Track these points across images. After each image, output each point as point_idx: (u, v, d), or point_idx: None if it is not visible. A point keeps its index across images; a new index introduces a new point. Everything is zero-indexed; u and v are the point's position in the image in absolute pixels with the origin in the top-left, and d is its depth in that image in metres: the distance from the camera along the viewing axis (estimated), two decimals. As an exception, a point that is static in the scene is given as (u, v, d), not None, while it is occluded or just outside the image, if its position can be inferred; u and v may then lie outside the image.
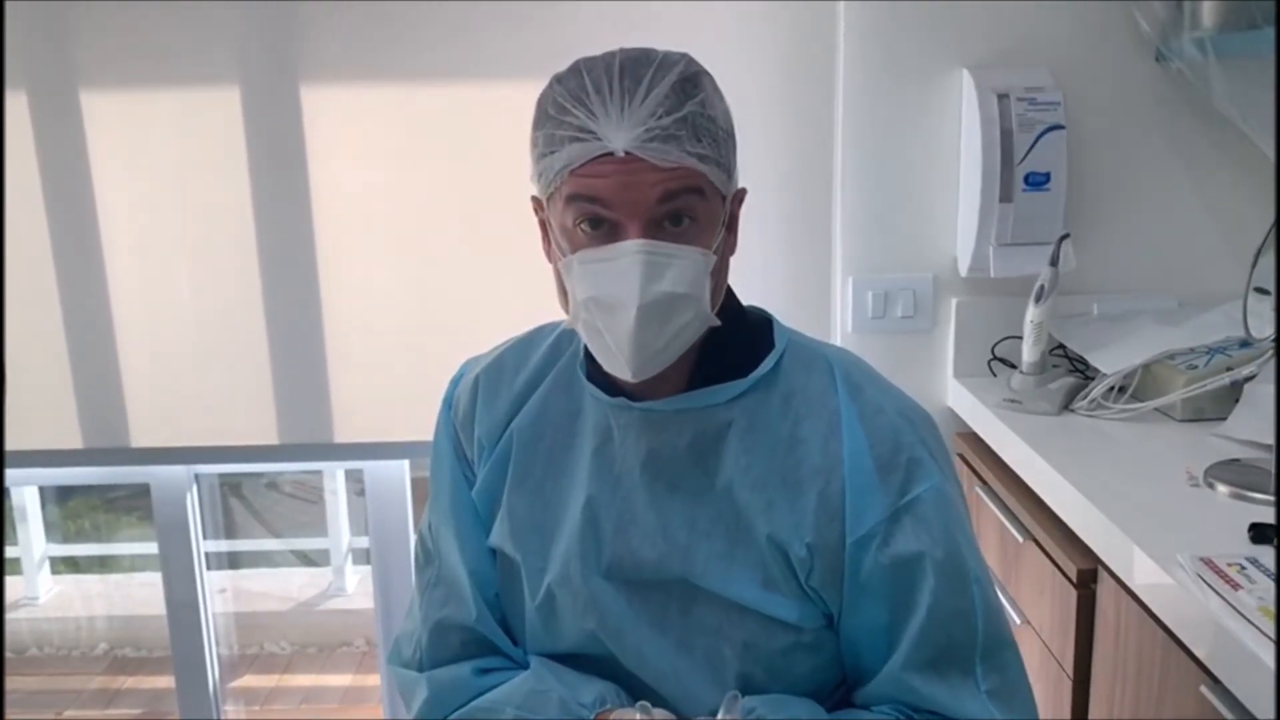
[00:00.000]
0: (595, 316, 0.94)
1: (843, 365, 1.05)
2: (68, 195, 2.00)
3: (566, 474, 1.07)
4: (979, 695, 0.98)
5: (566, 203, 0.94)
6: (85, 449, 2.11)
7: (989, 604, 1.00)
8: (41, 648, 3.65)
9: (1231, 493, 1.35)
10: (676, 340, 0.95)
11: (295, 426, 2.09)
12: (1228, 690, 1.07)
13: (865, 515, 0.97)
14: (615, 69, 0.93)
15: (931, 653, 0.98)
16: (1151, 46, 1.83)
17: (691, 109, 0.92)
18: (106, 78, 1.95)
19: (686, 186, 0.92)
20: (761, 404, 1.02)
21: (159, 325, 2.06)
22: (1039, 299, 1.76)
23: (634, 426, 1.03)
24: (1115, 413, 1.68)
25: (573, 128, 0.92)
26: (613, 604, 1.03)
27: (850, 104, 1.89)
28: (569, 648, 1.07)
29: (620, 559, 1.03)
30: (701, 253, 0.94)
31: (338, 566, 3.83)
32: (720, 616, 1.01)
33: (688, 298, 0.93)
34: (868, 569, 0.97)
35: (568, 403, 1.08)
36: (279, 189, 1.99)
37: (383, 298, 2.04)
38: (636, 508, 1.03)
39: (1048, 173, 1.79)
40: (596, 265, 0.93)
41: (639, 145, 0.90)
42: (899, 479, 0.98)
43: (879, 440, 0.99)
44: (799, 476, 0.99)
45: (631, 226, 0.92)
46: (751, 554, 1.00)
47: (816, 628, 1.01)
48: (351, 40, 1.92)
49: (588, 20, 1.89)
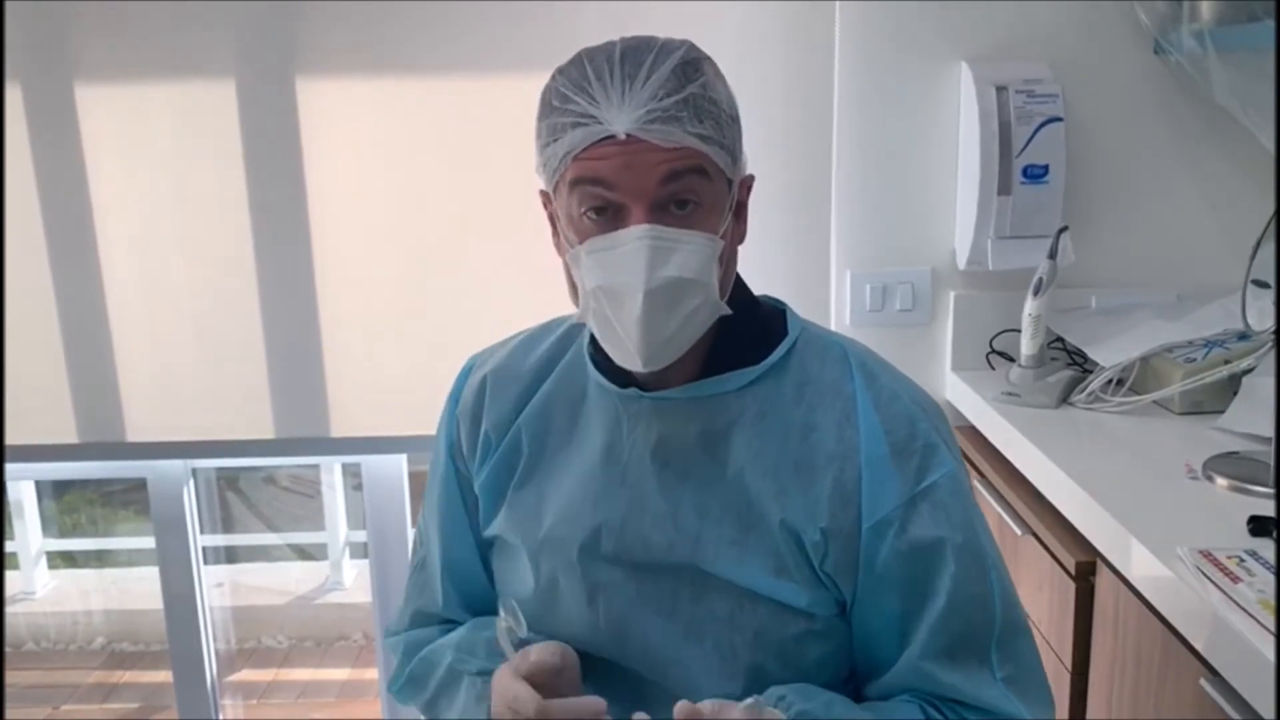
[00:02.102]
0: (604, 305, 0.94)
1: (858, 354, 1.05)
2: (63, 189, 1.99)
3: (575, 463, 1.07)
4: (995, 683, 0.98)
5: (571, 189, 0.94)
6: (82, 443, 2.10)
7: (1006, 590, 1.01)
8: (38, 642, 3.65)
9: (1230, 485, 1.35)
10: (687, 327, 0.94)
11: (292, 421, 2.08)
12: (1227, 683, 1.07)
13: (882, 500, 0.97)
14: (616, 56, 0.93)
15: (949, 640, 0.97)
16: (1150, 39, 1.82)
17: (693, 90, 0.92)
18: (102, 71, 1.95)
19: (690, 167, 0.92)
20: (774, 391, 1.02)
21: (155, 319, 2.05)
22: (1037, 292, 1.75)
23: (644, 416, 1.03)
24: (1114, 406, 1.68)
25: (575, 114, 0.92)
26: (620, 591, 1.03)
27: (848, 97, 1.89)
28: (569, 641, 1.07)
29: (630, 546, 1.03)
30: (708, 237, 0.94)
31: (335, 561, 3.83)
32: (732, 604, 1.00)
33: (695, 283, 0.93)
34: (885, 556, 0.97)
35: (575, 394, 1.08)
36: (275, 183, 1.98)
37: (379, 292, 2.03)
38: (647, 495, 1.03)
39: (1046, 165, 1.79)
40: (603, 254, 0.93)
41: (640, 127, 0.90)
42: (915, 465, 0.98)
43: (895, 426, 0.99)
44: (813, 463, 0.99)
45: (636, 209, 0.92)
46: (764, 541, 0.99)
47: (828, 615, 1.01)
48: (348, 34, 1.92)
49: (587, 15, 1.88)
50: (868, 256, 1.94)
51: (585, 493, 1.05)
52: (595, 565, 1.04)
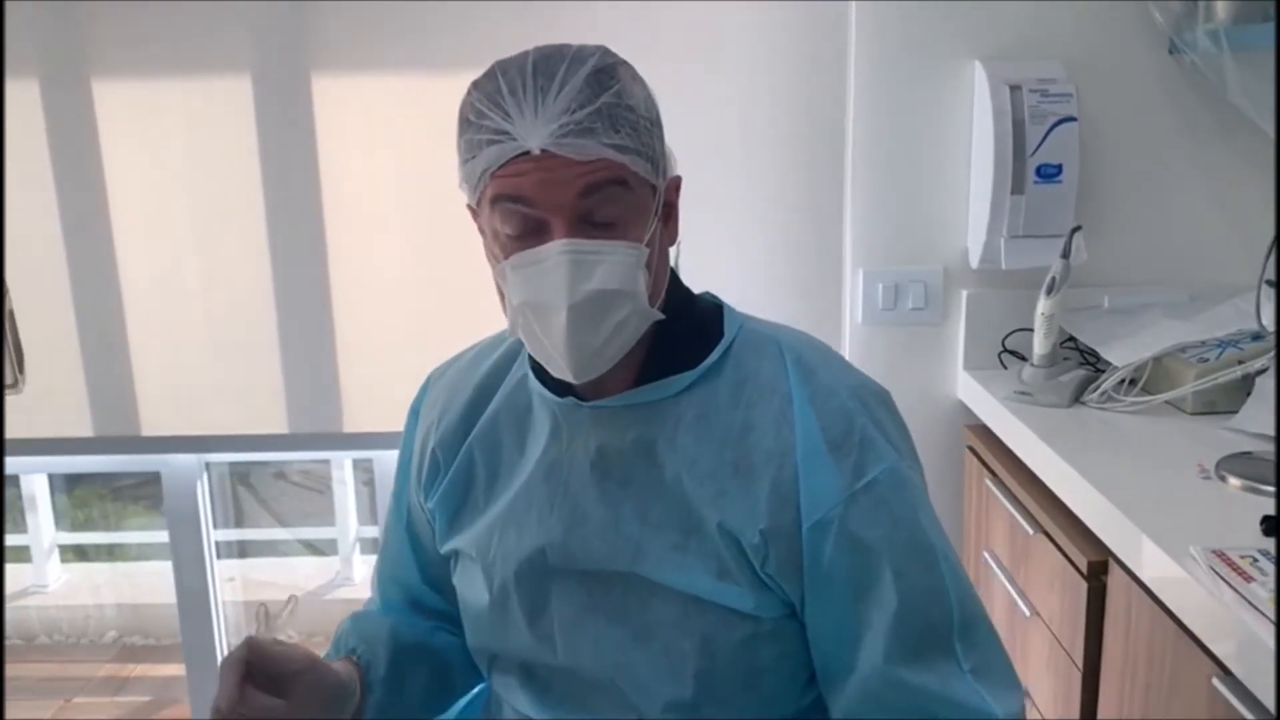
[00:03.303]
0: (531, 320, 0.94)
1: (794, 348, 1.04)
2: (80, 183, 2.01)
3: (520, 475, 1.07)
4: (964, 676, 0.96)
5: (492, 206, 0.94)
6: (96, 437, 2.12)
7: (959, 580, 0.99)
8: (51, 635, 3.67)
9: (1243, 485, 1.35)
10: (616, 337, 0.94)
11: (305, 416, 2.10)
12: (1239, 681, 1.07)
13: (820, 499, 0.96)
14: (528, 68, 0.92)
15: (911, 639, 0.96)
16: (1165, 39, 1.82)
17: (607, 100, 0.90)
18: (119, 66, 1.96)
19: (608, 179, 0.91)
20: (711, 394, 1.01)
21: (170, 314, 2.07)
22: (1050, 291, 1.75)
23: (584, 424, 1.03)
24: (1126, 405, 1.67)
25: (490, 130, 0.91)
26: (570, 599, 1.04)
27: (862, 95, 1.89)
28: (519, 652, 1.08)
29: (574, 556, 1.03)
30: (631, 246, 0.93)
31: (345, 556, 3.84)
32: (678, 610, 1.00)
33: (619, 294, 0.92)
34: (829, 554, 0.96)
35: (521, 407, 1.09)
36: (290, 179, 2.00)
37: (392, 287, 2.04)
38: (588, 504, 1.03)
39: (1059, 165, 1.78)
40: (527, 269, 0.93)
41: (554, 142, 0.89)
42: (853, 461, 0.97)
43: (831, 423, 0.98)
44: (751, 463, 0.98)
45: (557, 224, 0.91)
46: (704, 545, 0.99)
47: (775, 617, 0.99)
48: (363, 30, 1.93)
49: (600, 15, 1.89)
50: (880, 255, 1.94)
51: (530, 504, 1.05)
52: (543, 575, 1.04)
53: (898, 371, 1.94)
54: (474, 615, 1.11)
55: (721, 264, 1.96)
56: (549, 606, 1.05)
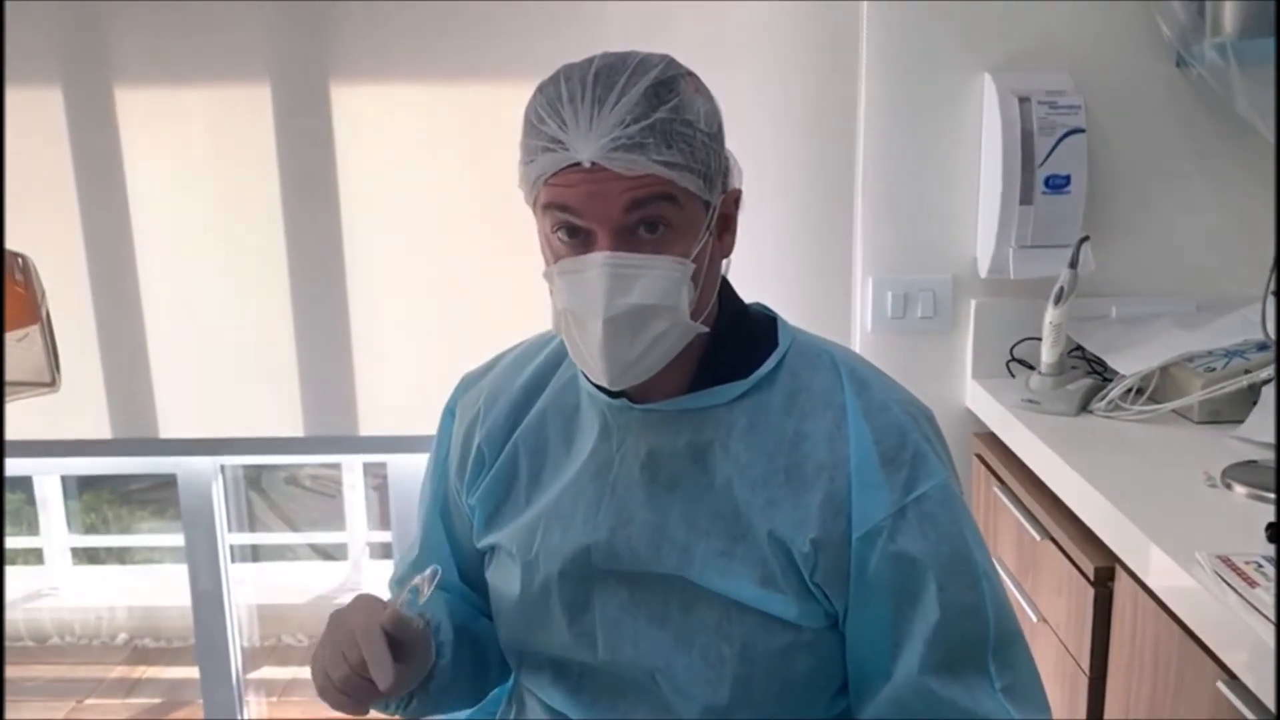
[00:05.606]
0: (571, 326, 0.96)
1: (847, 362, 1.06)
2: (101, 189, 2.03)
3: (568, 475, 1.08)
4: (994, 695, 0.98)
5: (544, 212, 0.96)
6: (114, 439, 2.14)
7: (999, 599, 1.01)
8: (63, 637, 3.68)
9: (1249, 493, 1.36)
10: (654, 350, 0.95)
11: (321, 419, 2.11)
12: (1245, 686, 1.08)
13: (871, 511, 0.98)
14: (590, 76, 0.92)
15: (946, 652, 0.97)
16: (1172, 51, 1.84)
17: (662, 115, 0.91)
18: (140, 74, 1.99)
19: (655, 194, 0.92)
20: (764, 402, 1.03)
21: (189, 318, 2.09)
22: (1058, 301, 1.77)
23: (634, 427, 1.04)
24: (1133, 414, 1.69)
25: (546, 137, 0.92)
26: (612, 598, 1.05)
27: (872, 106, 1.91)
28: (555, 649, 1.09)
29: (619, 557, 1.04)
30: (675, 262, 0.94)
31: (355, 560, 3.85)
32: (720, 615, 1.01)
33: (658, 309, 0.93)
34: (874, 565, 0.98)
35: (569, 407, 1.10)
36: (308, 185, 2.02)
37: (409, 293, 2.06)
38: (635, 506, 1.04)
39: (1068, 175, 1.80)
40: (571, 276, 0.94)
41: (604, 155, 0.90)
42: (905, 475, 0.99)
43: (884, 436, 1.00)
44: (804, 473, 1.00)
45: (601, 236, 0.92)
46: (752, 552, 1.00)
47: (817, 628, 1.01)
48: (382, 38, 1.95)
49: (613, 19, 1.91)
50: (890, 263, 1.96)
51: (576, 503, 1.06)
52: (587, 574, 1.05)
53: (906, 379, 1.90)
54: (508, 610, 1.11)
55: (732, 271, 1.96)
56: (591, 605, 1.05)
